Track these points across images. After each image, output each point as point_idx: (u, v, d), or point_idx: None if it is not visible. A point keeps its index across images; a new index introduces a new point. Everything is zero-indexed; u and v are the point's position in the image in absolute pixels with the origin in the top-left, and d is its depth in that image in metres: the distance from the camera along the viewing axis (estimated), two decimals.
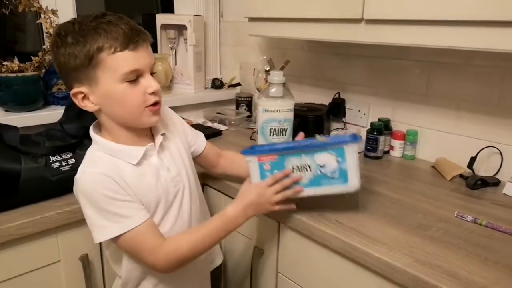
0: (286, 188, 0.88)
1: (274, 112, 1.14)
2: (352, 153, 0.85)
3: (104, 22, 0.74)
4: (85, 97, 0.78)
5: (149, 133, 0.88)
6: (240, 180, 1.06)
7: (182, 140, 0.96)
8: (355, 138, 0.87)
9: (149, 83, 0.79)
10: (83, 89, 0.77)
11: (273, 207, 0.89)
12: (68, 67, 0.75)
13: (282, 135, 1.16)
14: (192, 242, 0.83)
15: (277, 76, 1.14)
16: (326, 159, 0.86)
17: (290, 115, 1.17)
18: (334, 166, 0.86)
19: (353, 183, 0.87)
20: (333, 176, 0.87)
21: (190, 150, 1.00)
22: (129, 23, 0.76)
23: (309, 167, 0.88)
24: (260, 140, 1.17)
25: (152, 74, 0.81)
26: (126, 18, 0.77)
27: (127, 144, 0.82)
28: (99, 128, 0.86)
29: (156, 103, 0.81)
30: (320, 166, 0.87)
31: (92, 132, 0.84)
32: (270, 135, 1.16)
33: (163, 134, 0.88)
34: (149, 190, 0.83)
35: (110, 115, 0.81)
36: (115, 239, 0.79)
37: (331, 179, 0.87)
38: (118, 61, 0.74)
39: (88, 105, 0.79)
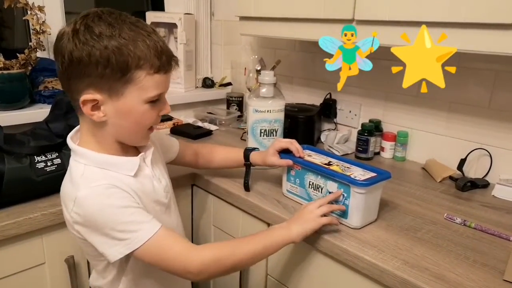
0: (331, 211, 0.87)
1: (265, 113, 1.14)
2: (358, 196, 0.85)
3: (143, 34, 0.69)
4: (96, 105, 0.71)
5: (132, 147, 0.84)
6: (229, 174, 1.05)
7: (161, 146, 0.96)
8: (370, 182, 0.85)
9: (163, 106, 0.77)
10: (99, 97, 0.70)
11: (319, 222, 0.83)
12: (89, 70, 0.67)
13: (273, 135, 1.15)
14: (232, 245, 0.76)
15: (268, 76, 1.13)
16: (335, 189, 0.89)
17: (281, 116, 1.16)
18: (340, 199, 0.88)
19: (353, 221, 0.88)
20: None
21: (167, 157, 1.00)
22: (159, 38, 0.71)
23: (321, 189, 0.92)
24: (250, 141, 1.16)
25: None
26: (156, 30, 0.73)
27: (120, 154, 0.78)
28: (78, 137, 0.79)
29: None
30: (329, 193, 0.90)
31: (75, 145, 0.76)
32: (260, 136, 1.15)
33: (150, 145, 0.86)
34: (149, 201, 0.80)
35: (116, 128, 0.75)
36: (136, 252, 0.71)
37: None
38: (151, 83, 0.71)
39: (96, 114, 0.72)
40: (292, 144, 0.98)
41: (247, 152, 1.04)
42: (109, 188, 0.71)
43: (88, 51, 0.66)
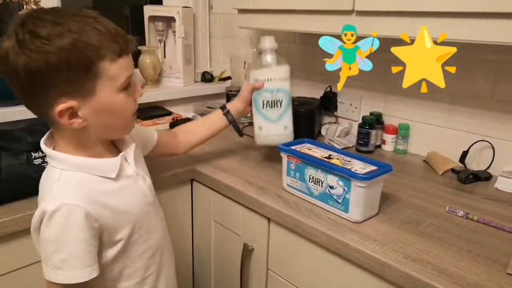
0: None
1: (265, 82, 1.04)
2: (359, 189, 0.84)
3: (90, 21, 0.64)
4: (72, 112, 0.67)
5: (112, 145, 0.81)
6: (229, 169, 1.04)
7: (141, 140, 0.93)
8: (371, 175, 0.84)
9: (135, 88, 0.74)
10: (73, 103, 0.65)
11: None
12: (53, 78, 0.62)
13: (277, 106, 1.04)
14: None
15: (267, 42, 1.05)
16: (335, 183, 0.88)
17: (284, 85, 1.05)
18: (340, 192, 0.87)
19: (353, 215, 0.87)
20: (338, 201, 0.88)
21: (147, 147, 0.98)
22: (106, 22, 0.67)
23: (321, 183, 0.91)
24: (255, 114, 1.09)
25: None
26: (99, 14, 0.68)
27: (98, 156, 0.74)
28: (52, 141, 0.75)
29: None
30: (330, 187, 0.89)
31: (50, 150, 0.72)
32: (263, 108, 1.06)
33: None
34: (130, 203, 0.77)
35: (100, 128, 0.72)
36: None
37: (337, 202, 0.89)
38: (118, 69, 0.67)
39: (75, 122, 0.67)
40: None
41: (222, 107, 1.11)
42: (79, 210, 0.67)
43: (44, 58, 0.60)
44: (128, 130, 0.80)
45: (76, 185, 0.70)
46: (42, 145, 0.74)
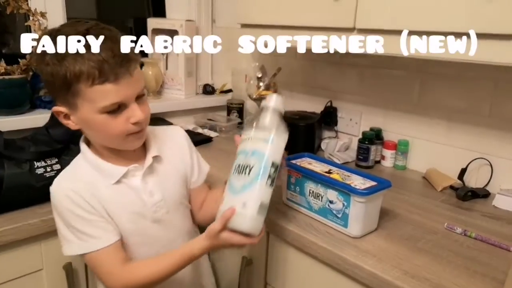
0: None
1: (247, 140, 0.80)
2: (358, 204, 0.84)
3: (85, 45, 0.68)
4: (66, 116, 0.76)
5: (142, 150, 0.85)
6: None
7: (185, 166, 0.92)
8: (371, 191, 0.84)
9: (132, 113, 0.74)
10: (63, 109, 0.75)
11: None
12: (49, 85, 0.73)
13: (244, 173, 0.76)
14: (152, 272, 0.79)
15: (273, 100, 0.81)
16: (335, 198, 0.89)
17: (263, 148, 0.76)
18: (340, 207, 0.88)
19: (353, 230, 0.87)
20: (338, 215, 0.89)
21: (189, 180, 0.94)
22: (113, 47, 0.70)
23: (321, 197, 0.91)
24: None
25: (141, 96, 0.77)
26: (113, 36, 0.71)
27: (110, 162, 0.80)
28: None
29: (137, 132, 0.77)
30: (329, 201, 0.90)
31: (81, 141, 0.83)
32: (233, 172, 0.79)
33: (155, 157, 0.84)
34: (122, 211, 0.80)
35: (90, 137, 0.80)
36: (81, 255, 0.78)
37: (336, 217, 0.89)
38: (96, 94, 0.70)
39: (70, 124, 0.77)
40: None
41: None
42: (70, 192, 0.76)
43: (41, 69, 0.72)
44: (122, 146, 0.79)
45: (80, 175, 0.79)
46: (81, 138, 0.83)
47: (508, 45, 0.80)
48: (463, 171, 1.16)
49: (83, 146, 0.82)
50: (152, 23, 1.74)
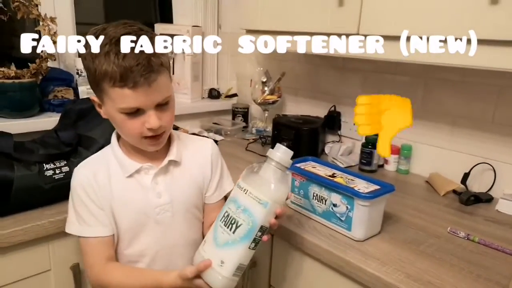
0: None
1: (241, 191, 0.76)
2: (362, 208, 0.86)
3: (116, 51, 0.72)
4: (99, 105, 0.82)
5: (163, 154, 0.87)
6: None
7: (204, 178, 0.93)
8: (374, 195, 0.86)
9: (148, 119, 0.77)
10: (96, 99, 0.81)
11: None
12: (88, 78, 0.79)
13: (230, 228, 0.74)
14: (121, 282, 0.82)
15: (279, 154, 0.75)
16: (338, 201, 0.90)
17: (257, 211, 0.73)
18: (343, 210, 0.89)
19: (356, 233, 0.88)
20: (341, 219, 0.90)
21: (204, 193, 0.94)
22: (139, 56, 0.72)
23: (325, 200, 0.93)
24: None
25: (163, 104, 0.79)
26: (144, 42, 0.74)
27: (130, 156, 0.85)
28: None
29: (153, 137, 0.80)
30: (333, 205, 0.91)
31: (113, 133, 0.88)
32: (220, 220, 0.76)
33: (173, 161, 0.87)
34: (126, 205, 0.84)
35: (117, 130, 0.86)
36: (78, 238, 0.85)
37: (340, 220, 0.90)
38: (116, 95, 0.75)
39: (101, 112, 0.83)
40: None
41: None
42: (84, 177, 0.83)
43: (82, 63, 0.79)
44: (139, 146, 0.83)
45: (102, 161, 0.86)
46: (115, 131, 0.87)
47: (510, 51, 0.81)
48: (466, 176, 1.17)
49: (113, 137, 0.88)
50: (159, 28, 1.76)
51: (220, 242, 0.74)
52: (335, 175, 0.95)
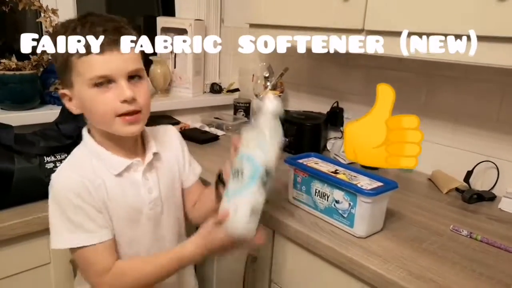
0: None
1: (243, 145, 0.78)
2: (364, 205, 0.85)
3: (83, 24, 0.72)
4: (70, 99, 0.78)
5: (141, 147, 0.85)
6: None
7: (179, 164, 0.93)
8: (377, 191, 0.85)
9: (120, 90, 0.73)
10: (66, 91, 0.77)
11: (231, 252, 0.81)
12: (56, 69, 0.77)
13: (237, 178, 0.76)
14: (140, 273, 0.78)
15: (268, 104, 0.78)
16: (341, 198, 0.89)
17: (258, 156, 0.75)
18: (346, 207, 0.88)
19: (358, 230, 0.88)
20: (344, 215, 0.89)
21: (181, 179, 0.94)
22: (107, 24, 0.72)
23: (327, 197, 0.92)
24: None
25: (136, 77, 0.76)
26: (112, 19, 0.75)
27: (113, 153, 0.80)
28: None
29: (129, 113, 0.75)
30: (336, 201, 0.90)
31: (84, 131, 0.83)
32: (231, 176, 0.78)
33: (155, 154, 0.85)
34: (122, 205, 0.80)
35: (90, 122, 0.81)
36: (71, 249, 0.76)
37: (342, 217, 0.90)
38: (84, 66, 0.72)
39: (72, 108, 0.78)
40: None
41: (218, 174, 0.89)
42: (73, 180, 0.75)
43: (51, 53, 0.76)
44: (113, 129, 0.77)
45: (83, 165, 0.78)
46: (84, 128, 0.83)
47: None
48: (469, 174, 1.16)
49: (85, 135, 0.81)
50: (162, 21, 1.75)
51: (231, 193, 0.77)
52: (337, 171, 0.95)
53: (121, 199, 0.80)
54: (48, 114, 1.27)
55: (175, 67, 1.81)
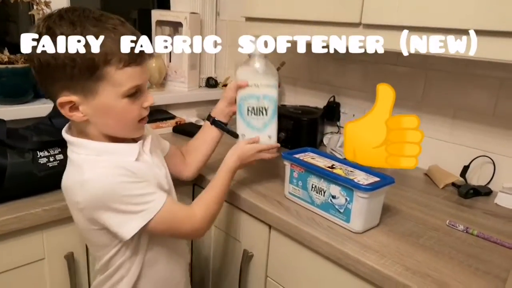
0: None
1: (252, 87, 1.00)
2: (361, 200, 0.85)
3: (108, 28, 0.68)
4: (73, 106, 0.72)
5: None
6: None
7: (156, 142, 0.95)
8: (374, 186, 0.85)
9: (146, 97, 0.77)
10: (74, 98, 0.70)
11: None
12: (58, 73, 0.68)
13: (262, 114, 1.00)
14: (215, 197, 0.88)
15: (259, 46, 1.01)
16: (337, 193, 0.89)
17: (272, 92, 1.00)
18: (342, 202, 0.88)
19: (354, 225, 0.87)
20: (340, 210, 0.89)
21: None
22: (132, 30, 0.72)
23: (324, 192, 0.92)
24: (238, 120, 1.03)
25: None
26: (125, 21, 0.72)
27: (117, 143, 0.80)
28: (72, 131, 0.80)
29: (144, 118, 0.80)
30: (332, 196, 0.90)
31: (72, 137, 0.77)
32: (248, 114, 1.01)
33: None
34: (154, 182, 0.80)
35: (100, 126, 0.76)
36: (147, 225, 0.74)
37: (338, 212, 0.90)
38: (124, 76, 0.71)
39: (75, 115, 0.73)
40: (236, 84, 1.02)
41: (208, 117, 1.08)
42: (116, 167, 0.73)
43: (52, 54, 0.66)
44: (131, 134, 0.81)
45: (103, 161, 0.75)
46: (64, 133, 0.79)
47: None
48: (465, 169, 1.16)
49: (78, 140, 0.76)
50: (156, 15, 1.73)
51: (260, 127, 1.02)
52: (334, 166, 0.94)
53: (152, 179, 0.80)
54: (41, 108, 1.25)
55: (170, 61, 1.80)
